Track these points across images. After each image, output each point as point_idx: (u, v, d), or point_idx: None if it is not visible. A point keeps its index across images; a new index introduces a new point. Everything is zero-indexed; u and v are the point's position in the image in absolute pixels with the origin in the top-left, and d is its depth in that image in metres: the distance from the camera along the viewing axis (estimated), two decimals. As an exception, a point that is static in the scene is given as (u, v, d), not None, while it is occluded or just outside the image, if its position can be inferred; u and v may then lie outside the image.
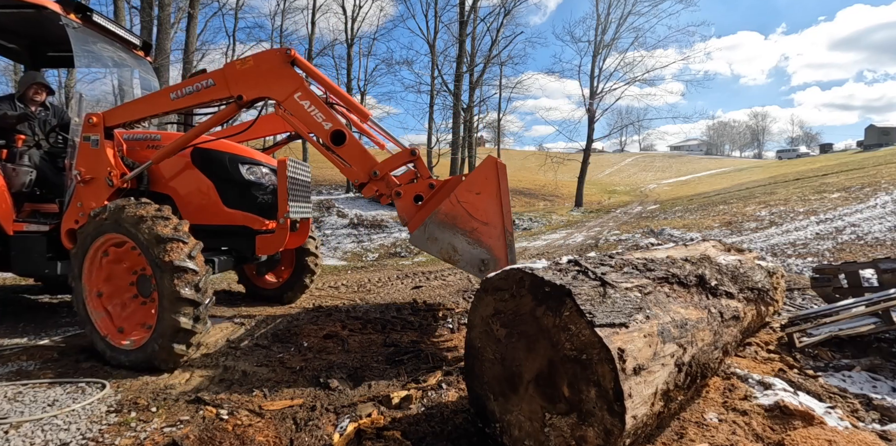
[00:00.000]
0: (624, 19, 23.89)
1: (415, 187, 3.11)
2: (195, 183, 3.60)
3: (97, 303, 3.02)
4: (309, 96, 3.10)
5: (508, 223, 2.78)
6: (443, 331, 3.69)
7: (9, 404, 2.38)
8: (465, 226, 2.77)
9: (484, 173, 2.81)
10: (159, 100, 3.34)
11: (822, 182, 15.38)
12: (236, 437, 2.01)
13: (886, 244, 6.78)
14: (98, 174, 3.33)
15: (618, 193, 37.37)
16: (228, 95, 3.18)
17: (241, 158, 3.70)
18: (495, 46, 23.95)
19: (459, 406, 2.22)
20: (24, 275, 4.50)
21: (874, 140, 58.36)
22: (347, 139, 3.10)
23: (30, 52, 4.70)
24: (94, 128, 3.34)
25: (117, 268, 3.07)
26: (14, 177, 3.74)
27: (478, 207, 2.77)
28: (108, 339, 2.92)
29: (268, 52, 3.17)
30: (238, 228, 3.66)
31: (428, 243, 2.79)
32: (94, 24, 3.92)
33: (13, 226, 3.61)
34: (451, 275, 6.40)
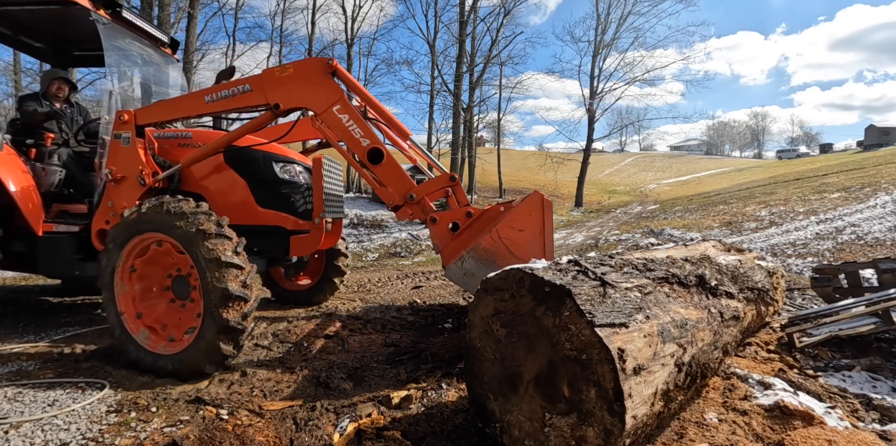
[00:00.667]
0: (624, 19, 23.90)
1: (451, 214, 2.98)
2: (228, 182, 3.51)
3: (130, 307, 2.89)
4: (348, 110, 2.99)
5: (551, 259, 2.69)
6: (443, 331, 3.69)
7: (9, 404, 2.38)
8: (504, 263, 2.59)
9: (528, 210, 2.65)
10: (193, 102, 3.26)
11: (822, 182, 15.39)
12: (236, 437, 2.01)
13: (886, 244, 6.78)
14: (129, 173, 3.25)
15: (618, 193, 37.38)
16: (265, 102, 3.08)
17: (274, 156, 3.60)
18: (495, 46, 23.96)
19: (459, 406, 2.22)
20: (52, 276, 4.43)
21: (874, 140, 58.35)
22: (385, 158, 2.98)
23: (56, 50, 4.67)
24: (126, 125, 3.26)
25: (152, 269, 2.95)
26: (43, 177, 3.68)
27: (519, 245, 2.61)
28: (144, 345, 2.79)
29: (309, 60, 3.07)
30: (271, 228, 3.55)
31: (464, 278, 2.65)
32: (122, 21, 3.86)
33: (42, 227, 3.54)
34: (451, 275, 6.40)
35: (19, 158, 3.62)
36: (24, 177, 3.52)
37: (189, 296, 2.83)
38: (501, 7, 23.39)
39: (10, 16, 4.06)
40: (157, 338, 2.82)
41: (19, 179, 3.48)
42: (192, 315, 2.78)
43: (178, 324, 2.85)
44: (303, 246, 3.57)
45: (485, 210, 3.00)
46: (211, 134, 3.66)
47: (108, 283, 2.88)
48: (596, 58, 24.29)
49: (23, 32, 4.35)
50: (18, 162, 3.59)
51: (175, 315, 2.90)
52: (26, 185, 3.50)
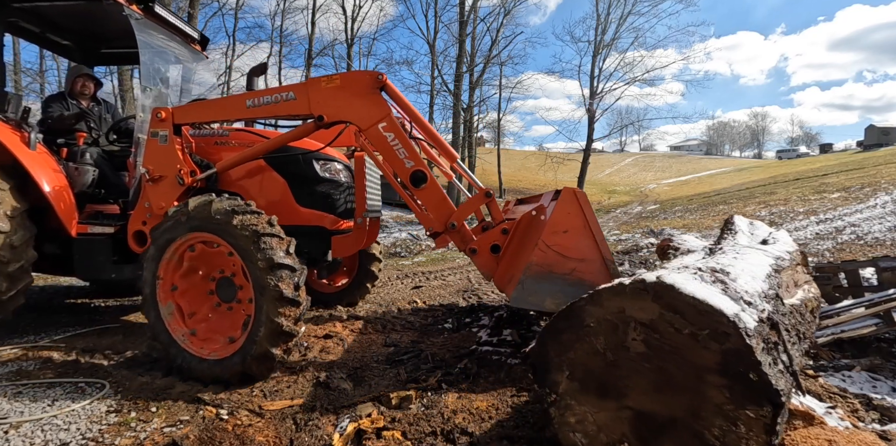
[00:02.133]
0: (624, 19, 23.89)
1: (488, 237, 2.85)
2: (267, 180, 3.40)
3: (175, 311, 2.77)
4: (394, 128, 2.87)
5: (606, 252, 2.55)
6: (443, 331, 3.69)
7: (9, 404, 2.38)
8: (562, 269, 2.50)
9: (566, 209, 2.54)
10: (234, 105, 3.15)
11: (822, 182, 15.39)
12: (236, 437, 2.01)
13: (886, 244, 6.78)
14: (167, 172, 3.13)
15: (618, 193, 37.38)
16: (308, 113, 2.97)
17: (315, 154, 3.47)
18: (495, 46, 23.97)
19: (459, 406, 2.22)
20: (87, 279, 4.32)
21: (874, 140, 58.34)
22: (428, 182, 2.88)
23: (82, 48, 4.64)
24: (163, 123, 3.15)
25: (196, 271, 2.84)
26: (76, 177, 3.60)
27: (569, 246, 2.51)
28: (189, 350, 2.67)
29: (357, 73, 2.96)
30: (311, 228, 3.42)
31: (532, 300, 2.49)
32: (154, 16, 3.79)
33: (76, 228, 3.47)
34: (451, 276, 6.41)
35: (52, 158, 3.56)
36: (57, 176, 3.46)
37: (235, 298, 2.73)
38: (501, 7, 23.41)
39: (39, 12, 4.01)
40: (200, 343, 2.72)
41: (53, 179, 3.40)
42: (237, 318, 2.70)
43: (221, 327, 2.75)
44: (345, 246, 3.48)
45: (518, 221, 2.85)
46: (248, 134, 3.57)
47: (150, 286, 2.76)
48: (596, 58, 24.29)
49: (50, 30, 4.31)
50: (52, 161, 3.52)
51: (218, 318, 2.79)
52: (60, 185, 3.43)
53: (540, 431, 1.96)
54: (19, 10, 3.86)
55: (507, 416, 2.12)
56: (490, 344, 3.18)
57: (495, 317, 3.91)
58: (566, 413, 1.64)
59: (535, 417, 2.07)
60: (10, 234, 3.10)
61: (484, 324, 3.74)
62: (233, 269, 2.71)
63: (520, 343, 3.13)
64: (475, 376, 2.59)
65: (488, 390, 2.40)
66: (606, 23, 24.00)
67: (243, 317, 2.65)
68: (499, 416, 2.12)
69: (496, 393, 2.36)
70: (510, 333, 3.34)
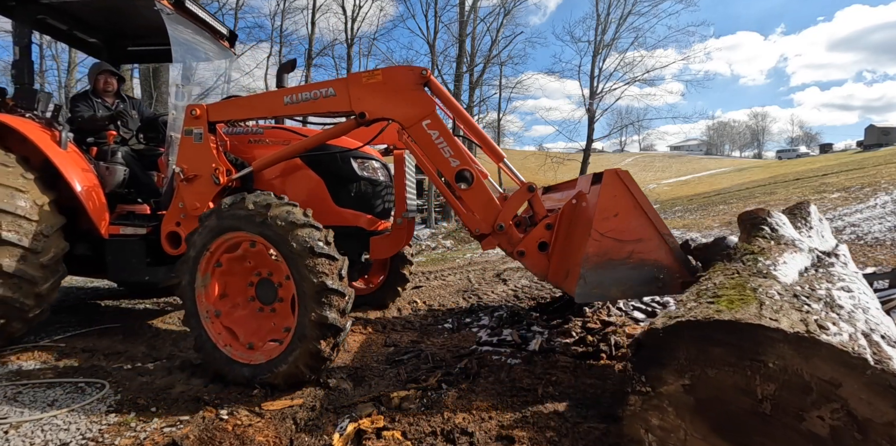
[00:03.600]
0: (624, 19, 23.87)
1: (534, 236, 2.72)
2: (303, 179, 3.31)
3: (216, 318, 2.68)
4: (439, 126, 2.76)
5: (662, 226, 2.43)
6: (443, 331, 3.69)
7: (9, 404, 2.38)
8: (620, 255, 2.40)
9: (611, 192, 2.42)
10: (271, 102, 3.04)
11: (822, 182, 15.38)
12: (236, 437, 2.01)
13: (886, 244, 6.78)
14: (202, 171, 3.03)
15: (618, 193, 37.22)
16: (349, 110, 2.86)
17: (353, 152, 3.36)
18: (495, 46, 23.96)
19: (459, 406, 2.22)
20: (120, 281, 4.20)
21: (874, 140, 58.34)
22: (475, 182, 2.75)
23: (109, 46, 4.60)
24: (197, 121, 3.06)
25: (235, 272, 2.75)
26: (108, 177, 3.53)
27: (623, 229, 2.40)
28: (235, 357, 2.58)
29: (399, 68, 2.84)
30: (349, 229, 3.31)
31: (597, 292, 2.40)
32: (184, 11, 3.73)
33: (108, 229, 3.39)
34: (451, 275, 6.40)
35: (83, 157, 3.51)
36: (88, 176, 3.39)
37: (276, 299, 2.64)
38: (501, 7, 23.40)
39: (69, 10, 3.98)
40: (240, 347, 2.64)
41: (84, 179, 3.34)
42: (279, 321, 2.63)
43: (261, 331, 2.67)
44: (384, 247, 3.38)
45: (560, 213, 2.71)
46: (283, 132, 3.48)
47: (188, 290, 2.68)
48: (596, 58, 24.28)
49: (78, 27, 4.28)
50: (83, 161, 3.47)
51: (257, 321, 2.71)
52: (91, 185, 3.37)
53: (541, 431, 1.96)
54: (48, 8, 3.81)
55: (507, 416, 2.12)
56: (490, 344, 3.18)
57: (495, 317, 3.91)
58: (651, 412, 1.51)
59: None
60: (41, 223, 3.06)
61: (484, 324, 3.74)
62: (269, 269, 2.64)
63: (520, 343, 3.13)
64: (475, 376, 2.59)
65: (488, 390, 2.40)
66: (606, 23, 24.00)
67: (285, 319, 2.57)
68: (499, 416, 2.12)
69: (496, 393, 2.36)
70: (510, 333, 3.34)
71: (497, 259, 7.48)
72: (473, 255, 8.25)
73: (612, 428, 1.92)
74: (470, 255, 8.29)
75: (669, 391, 1.48)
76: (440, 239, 13.47)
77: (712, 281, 1.92)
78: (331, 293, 2.37)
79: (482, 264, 7.11)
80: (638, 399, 1.53)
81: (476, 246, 10.35)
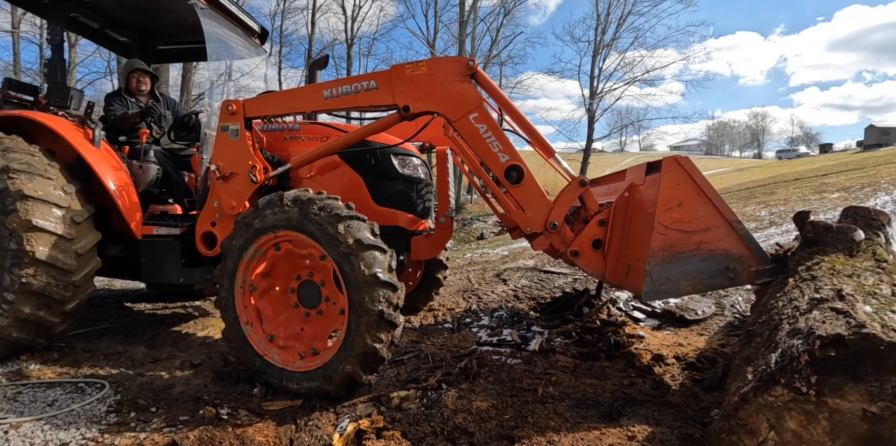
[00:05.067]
0: (624, 19, 23.95)
1: (587, 234, 2.55)
2: (342, 178, 3.20)
3: (256, 322, 2.59)
4: (487, 119, 2.63)
5: (729, 213, 2.29)
6: (443, 331, 3.69)
7: (9, 404, 2.38)
8: (688, 247, 2.26)
9: (673, 181, 2.26)
10: (310, 96, 2.91)
11: (822, 182, 15.37)
12: (236, 437, 2.01)
13: (886, 244, 6.78)
14: (239, 169, 2.91)
15: (618, 193, 37.24)
16: (392, 103, 2.73)
17: (393, 149, 3.25)
18: (495, 46, 24.06)
19: (459, 406, 2.22)
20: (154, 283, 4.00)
21: (874, 140, 58.32)
22: (525, 178, 2.61)
23: (140, 45, 4.59)
24: (234, 117, 2.94)
25: (277, 275, 2.66)
26: (141, 176, 3.45)
27: (689, 219, 2.26)
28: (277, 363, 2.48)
29: (445, 59, 2.71)
30: (390, 229, 3.15)
31: (666, 288, 2.27)
32: (217, 6, 3.68)
33: (141, 230, 3.30)
34: (451, 275, 6.40)
35: (116, 156, 3.45)
36: (121, 175, 3.32)
37: (321, 299, 2.54)
38: (501, 7, 23.47)
39: (101, 8, 3.97)
40: (288, 356, 2.51)
41: (117, 178, 3.27)
42: (324, 325, 2.55)
43: (304, 336, 2.57)
44: (427, 248, 3.28)
45: (613, 208, 2.55)
46: (321, 127, 3.38)
47: (227, 296, 2.58)
48: (596, 58, 24.34)
49: (110, 26, 4.27)
50: (116, 159, 3.40)
51: (300, 326, 2.60)
52: (124, 184, 3.29)
53: (541, 431, 1.96)
54: (80, 6, 3.78)
55: (507, 416, 2.12)
56: (490, 344, 3.18)
57: (495, 317, 3.91)
58: (795, 414, 1.39)
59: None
60: (71, 210, 2.99)
61: (484, 324, 3.74)
62: (310, 269, 2.56)
63: (520, 343, 3.13)
64: (475, 376, 2.59)
65: (488, 390, 2.40)
66: (606, 23, 24.06)
67: (333, 320, 2.48)
68: (499, 416, 2.12)
69: (496, 393, 2.35)
70: (510, 333, 3.34)
71: (497, 259, 7.48)
72: (473, 255, 8.25)
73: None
74: (470, 255, 8.29)
75: (840, 407, 1.31)
76: (440, 239, 13.46)
77: (874, 284, 1.77)
78: (383, 285, 2.24)
79: (482, 264, 7.11)
80: (787, 393, 1.36)
81: (476, 246, 10.36)
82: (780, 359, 1.45)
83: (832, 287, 1.82)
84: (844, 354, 1.33)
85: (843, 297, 1.67)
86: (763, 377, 1.45)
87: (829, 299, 1.70)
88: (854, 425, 1.30)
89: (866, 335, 1.31)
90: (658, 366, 2.62)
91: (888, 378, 1.26)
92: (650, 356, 2.72)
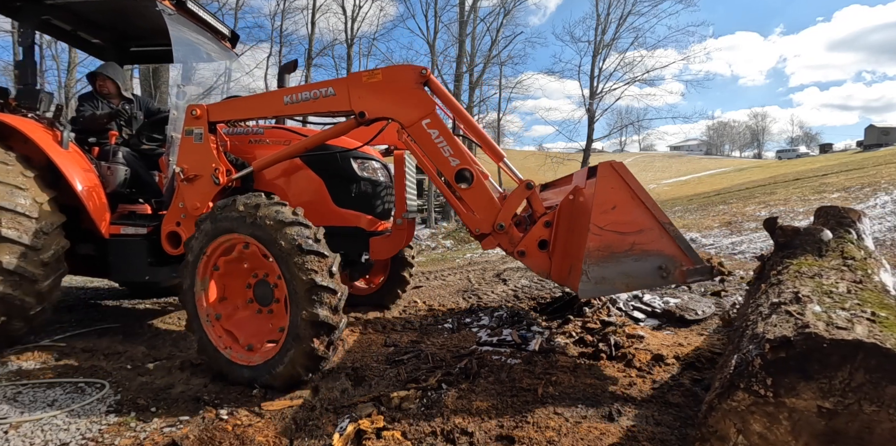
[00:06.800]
0: (624, 19, 23.88)
1: (533, 235, 2.68)
2: (303, 180, 3.33)
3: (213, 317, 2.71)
4: (438, 125, 2.76)
5: (662, 216, 2.42)
6: (443, 331, 3.69)
7: (9, 404, 2.38)
8: (622, 247, 2.37)
9: (608, 184, 2.39)
10: (271, 102, 3.06)
11: (822, 182, 15.38)
12: (236, 437, 2.01)
13: (886, 244, 6.78)
14: (202, 171, 3.05)
15: (618, 193, 37.21)
16: (349, 109, 2.86)
17: (353, 153, 3.38)
18: (495, 46, 24.01)
19: (459, 406, 2.22)
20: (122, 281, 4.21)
21: (874, 140, 58.35)
22: (475, 181, 2.74)
23: (112, 46, 4.60)
24: (198, 121, 3.07)
25: (233, 274, 2.77)
26: (109, 176, 3.54)
27: (623, 221, 2.37)
28: (233, 359, 2.61)
29: (400, 67, 2.85)
30: (349, 229, 3.34)
31: (601, 287, 2.38)
32: (186, 12, 3.75)
33: (109, 229, 3.40)
34: (451, 275, 6.40)
35: (84, 157, 3.52)
36: (89, 176, 3.40)
37: (273, 299, 2.66)
38: (501, 7, 23.44)
39: (72, 10, 3.99)
40: (240, 349, 2.66)
41: (85, 179, 3.35)
42: (276, 321, 2.64)
43: (260, 332, 2.68)
44: (385, 248, 3.40)
45: (558, 210, 2.68)
46: (284, 132, 3.49)
47: (189, 291, 2.72)
48: (596, 58, 24.28)
49: (81, 27, 4.29)
50: (84, 160, 3.48)
51: (260, 324, 2.72)
52: (92, 185, 3.38)
53: (541, 431, 1.96)
54: (52, 8, 3.80)
55: (507, 416, 2.12)
56: (490, 344, 3.18)
57: (495, 317, 3.91)
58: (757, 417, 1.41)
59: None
60: (40, 220, 3.05)
61: (484, 324, 3.74)
62: (266, 269, 2.64)
63: (520, 343, 3.13)
64: (475, 376, 2.59)
65: (488, 390, 2.40)
66: (606, 23, 24.01)
67: (281, 319, 2.56)
68: (499, 416, 2.12)
69: (496, 393, 2.35)
70: (510, 333, 3.34)
71: (497, 259, 7.48)
72: (473, 255, 8.25)
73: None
74: (470, 255, 8.30)
75: (797, 406, 1.35)
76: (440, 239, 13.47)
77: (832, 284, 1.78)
78: (321, 290, 2.36)
79: (482, 264, 7.11)
80: (748, 397, 1.40)
81: (476, 246, 10.34)
82: (738, 365, 1.49)
83: (793, 290, 1.87)
84: (793, 355, 1.37)
85: (799, 299, 1.72)
86: (724, 383, 1.49)
87: (786, 302, 1.75)
88: (812, 422, 1.34)
89: (809, 335, 1.37)
90: (658, 366, 2.62)
91: (835, 373, 1.31)
92: (650, 356, 2.72)
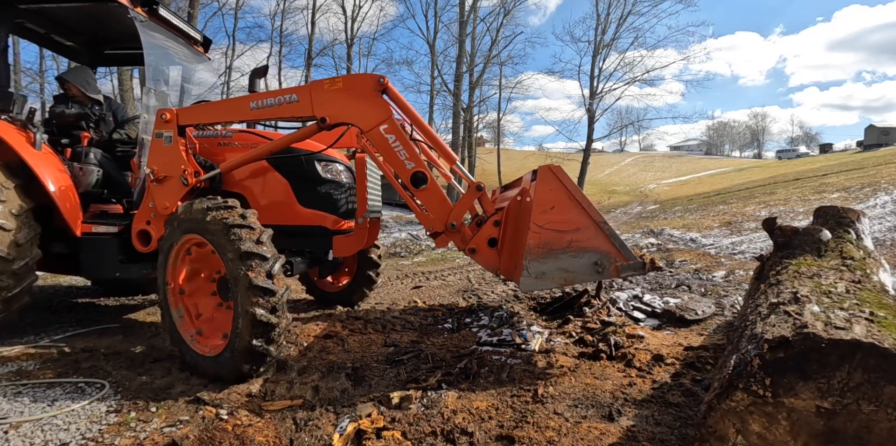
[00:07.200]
0: (624, 19, 23.92)
1: (483, 233, 2.90)
2: (269, 181, 3.46)
3: (185, 314, 2.88)
4: (395, 130, 2.93)
5: (597, 215, 2.58)
6: (443, 331, 3.69)
7: (9, 404, 2.38)
8: (560, 244, 2.55)
9: (547, 186, 2.58)
10: (237, 107, 3.23)
11: (822, 182, 15.38)
12: (236, 437, 2.01)
13: (886, 244, 6.78)
14: (171, 173, 3.19)
15: (617, 193, 37.38)
16: (311, 115, 3.03)
17: (317, 155, 3.54)
18: (495, 46, 24.04)
19: (459, 406, 2.22)
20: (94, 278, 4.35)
21: (874, 140, 58.31)
22: (428, 183, 2.94)
23: (87, 49, 4.65)
24: (167, 124, 3.21)
25: (200, 272, 2.95)
26: (81, 177, 3.65)
27: (560, 220, 2.55)
28: (196, 350, 2.74)
29: (359, 76, 3.04)
30: (313, 228, 3.52)
31: (540, 282, 2.56)
32: (159, 18, 3.83)
33: (81, 228, 3.52)
34: (451, 275, 6.40)
35: (57, 158, 3.60)
36: (62, 176, 3.50)
37: (230, 295, 2.76)
38: (501, 7, 23.46)
39: (45, 13, 4.04)
40: (204, 341, 2.79)
41: (58, 179, 3.44)
42: (228, 318, 2.74)
43: (222, 325, 2.80)
44: (347, 246, 3.55)
45: (507, 210, 2.89)
46: (251, 136, 3.63)
47: (162, 289, 2.88)
48: (596, 58, 24.32)
49: (55, 31, 4.33)
50: (57, 161, 3.56)
51: (221, 317, 2.86)
52: (65, 185, 3.47)
53: (541, 431, 1.96)
54: (25, 11, 3.87)
55: (507, 416, 2.12)
56: (490, 345, 3.18)
57: (495, 317, 3.91)
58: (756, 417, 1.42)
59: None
60: (15, 232, 3.13)
61: (484, 324, 3.74)
62: (221, 267, 2.75)
63: (520, 343, 3.13)
64: (475, 376, 2.59)
65: (488, 390, 2.40)
66: (606, 23, 24.04)
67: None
68: (499, 416, 2.12)
69: (496, 393, 2.36)
70: (510, 333, 3.34)
71: (497, 259, 7.48)
72: (473, 255, 8.26)
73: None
74: (470, 255, 8.31)
75: (796, 406, 1.35)
76: (440, 239, 13.46)
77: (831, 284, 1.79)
78: (258, 290, 2.47)
79: (482, 264, 7.11)
80: (746, 397, 1.40)
81: (476, 246, 10.33)
82: (737, 365, 1.49)
83: (791, 290, 1.87)
84: (792, 355, 1.37)
85: (798, 299, 1.72)
86: (723, 383, 1.49)
87: (785, 302, 1.76)
88: (811, 422, 1.34)
89: (807, 335, 1.37)
90: (658, 366, 2.62)
91: (833, 373, 1.31)
92: (650, 356, 2.72)
